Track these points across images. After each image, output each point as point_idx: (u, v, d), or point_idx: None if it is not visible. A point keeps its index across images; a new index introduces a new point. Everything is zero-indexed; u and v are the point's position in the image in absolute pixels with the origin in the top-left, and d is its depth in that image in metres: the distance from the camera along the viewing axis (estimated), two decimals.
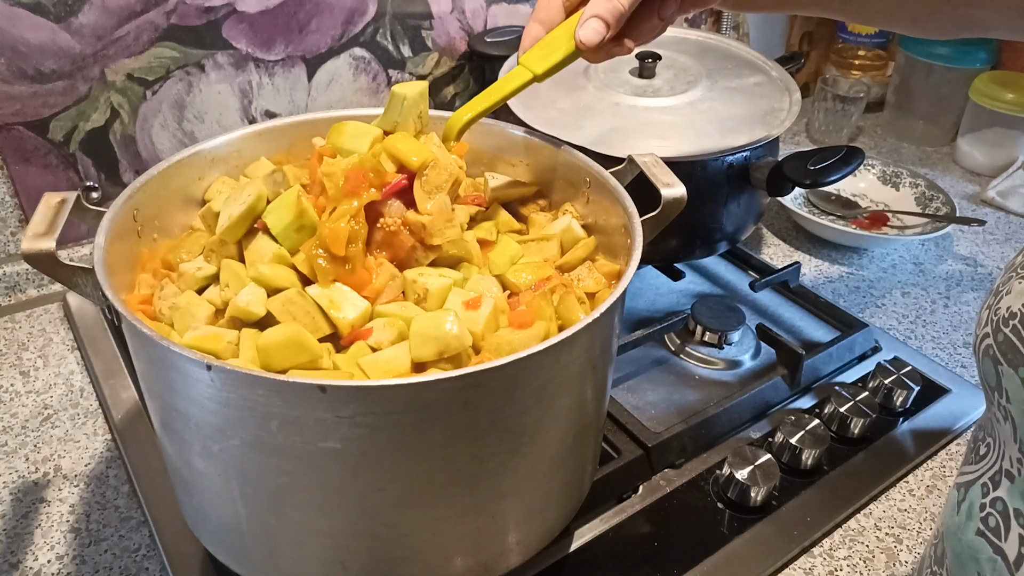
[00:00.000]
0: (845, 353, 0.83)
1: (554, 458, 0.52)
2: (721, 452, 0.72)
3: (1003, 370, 0.39)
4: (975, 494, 0.43)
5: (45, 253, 0.47)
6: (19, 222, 0.86)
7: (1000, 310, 0.39)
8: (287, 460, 0.45)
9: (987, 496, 0.42)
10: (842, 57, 1.36)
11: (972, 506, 0.43)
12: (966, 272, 1.01)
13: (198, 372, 0.43)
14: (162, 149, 0.91)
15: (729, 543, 0.64)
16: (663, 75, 0.91)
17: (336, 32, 0.96)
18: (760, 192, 0.85)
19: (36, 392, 0.77)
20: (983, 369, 0.41)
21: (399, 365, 0.48)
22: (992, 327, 0.40)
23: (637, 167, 0.60)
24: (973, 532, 0.42)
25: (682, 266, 0.94)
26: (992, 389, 0.40)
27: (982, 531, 0.42)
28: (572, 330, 0.45)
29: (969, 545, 0.43)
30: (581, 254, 0.59)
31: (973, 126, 1.22)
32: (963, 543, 0.43)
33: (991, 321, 0.40)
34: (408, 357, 0.48)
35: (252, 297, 0.50)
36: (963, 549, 0.43)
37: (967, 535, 0.43)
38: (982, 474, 0.43)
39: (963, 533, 0.43)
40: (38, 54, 0.79)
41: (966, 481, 0.44)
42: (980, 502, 0.42)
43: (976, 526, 0.42)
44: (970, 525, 0.43)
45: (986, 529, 0.41)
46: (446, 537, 0.50)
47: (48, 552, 0.63)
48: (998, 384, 0.39)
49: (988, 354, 0.40)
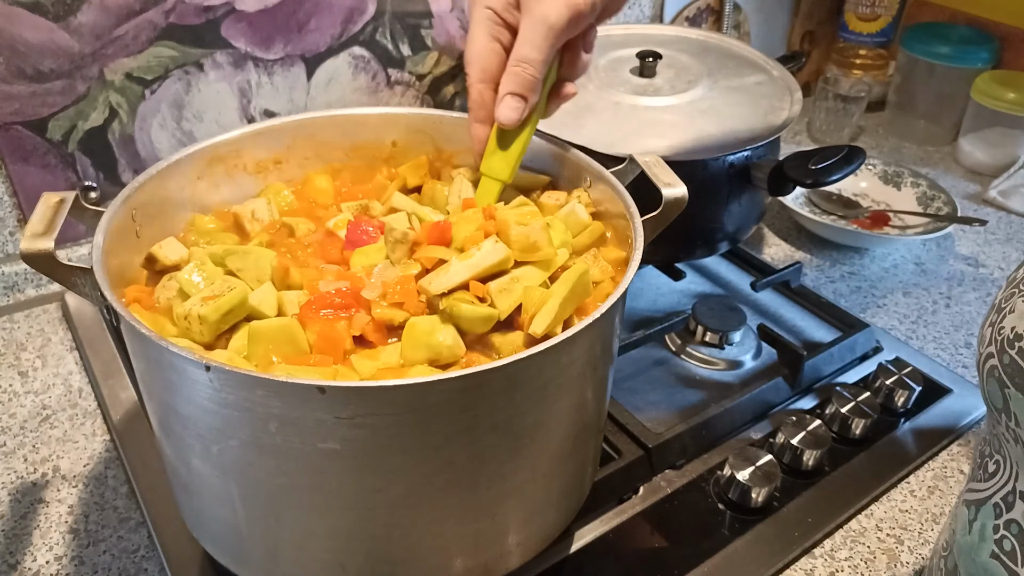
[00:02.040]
0: (846, 353, 0.83)
1: (554, 459, 0.52)
2: (722, 453, 0.72)
3: (1010, 393, 0.38)
4: (987, 514, 0.42)
5: (43, 253, 0.47)
6: (17, 222, 0.86)
7: (1004, 329, 0.38)
8: (286, 461, 0.45)
9: (1000, 518, 0.41)
10: (843, 56, 1.36)
11: (985, 527, 0.42)
12: (968, 272, 1.01)
13: (197, 373, 0.42)
14: (161, 149, 0.90)
15: (730, 544, 0.64)
16: (664, 74, 0.91)
17: (335, 31, 0.95)
18: (761, 192, 0.85)
19: (35, 392, 0.77)
20: (988, 390, 0.40)
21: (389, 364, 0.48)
22: (996, 347, 0.39)
23: (638, 167, 0.60)
24: (987, 555, 0.42)
25: (683, 266, 0.93)
26: (999, 411, 0.40)
27: (997, 554, 0.41)
28: (572, 330, 0.44)
29: (984, 568, 0.42)
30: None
31: (975, 125, 1.22)
32: (977, 564, 0.43)
33: (995, 340, 0.39)
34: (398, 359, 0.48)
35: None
36: (977, 570, 0.43)
37: (981, 556, 0.42)
38: (993, 493, 0.42)
39: (977, 554, 0.43)
40: (37, 53, 0.79)
41: (976, 499, 0.43)
42: (993, 523, 0.42)
43: (990, 548, 0.42)
44: (984, 547, 0.42)
45: (1001, 552, 0.41)
46: (446, 538, 0.50)
47: (47, 553, 0.62)
48: (1005, 407, 0.39)
49: (993, 375, 0.39)
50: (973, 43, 1.24)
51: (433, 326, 0.48)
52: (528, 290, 0.50)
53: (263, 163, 0.65)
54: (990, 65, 1.25)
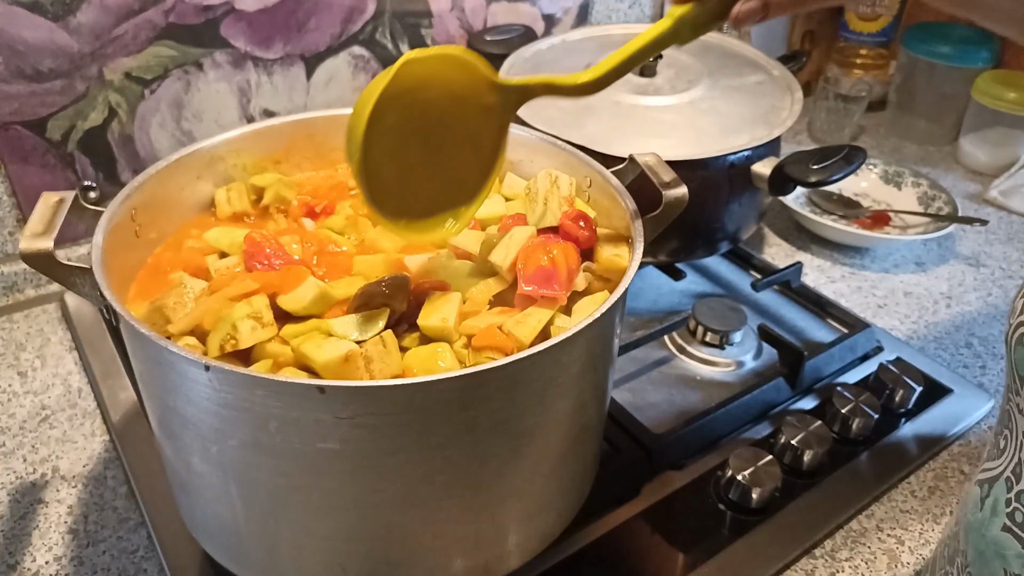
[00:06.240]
0: (847, 353, 0.83)
1: (555, 459, 0.52)
2: (723, 453, 0.72)
3: None
4: (1000, 489, 0.42)
5: (43, 253, 0.47)
6: (17, 222, 0.86)
7: None
8: (286, 461, 0.45)
9: (1012, 491, 0.41)
10: (844, 56, 1.36)
11: (997, 502, 0.42)
12: (968, 272, 1.00)
13: (196, 373, 0.42)
14: (160, 148, 0.90)
15: (731, 545, 0.64)
16: (664, 74, 0.91)
17: (335, 31, 0.95)
18: (761, 192, 0.85)
19: (34, 392, 0.77)
20: (1016, 358, 0.40)
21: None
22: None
23: (638, 166, 0.60)
24: (999, 528, 0.42)
25: (683, 266, 0.93)
26: (1022, 379, 0.40)
27: (1008, 527, 0.41)
28: (572, 330, 0.44)
29: (995, 541, 0.42)
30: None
31: (975, 125, 1.22)
32: (987, 539, 0.43)
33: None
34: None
35: None
36: (987, 546, 0.43)
37: (992, 531, 0.42)
38: (1004, 468, 0.42)
39: (987, 529, 0.43)
40: (36, 53, 0.79)
41: (989, 477, 0.44)
42: (1005, 497, 0.42)
43: (1002, 522, 0.42)
44: (995, 521, 0.42)
45: (1013, 524, 0.41)
46: (446, 539, 0.50)
47: (46, 553, 0.62)
48: None
49: (1023, 343, 0.39)
50: (974, 43, 1.24)
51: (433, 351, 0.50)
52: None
53: (262, 163, 0.65)
54: (991, 65, 1.25)
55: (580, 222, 0.55)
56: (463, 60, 0.51)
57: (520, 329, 0.50)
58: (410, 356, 0.49)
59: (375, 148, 0.49)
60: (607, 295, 0.52)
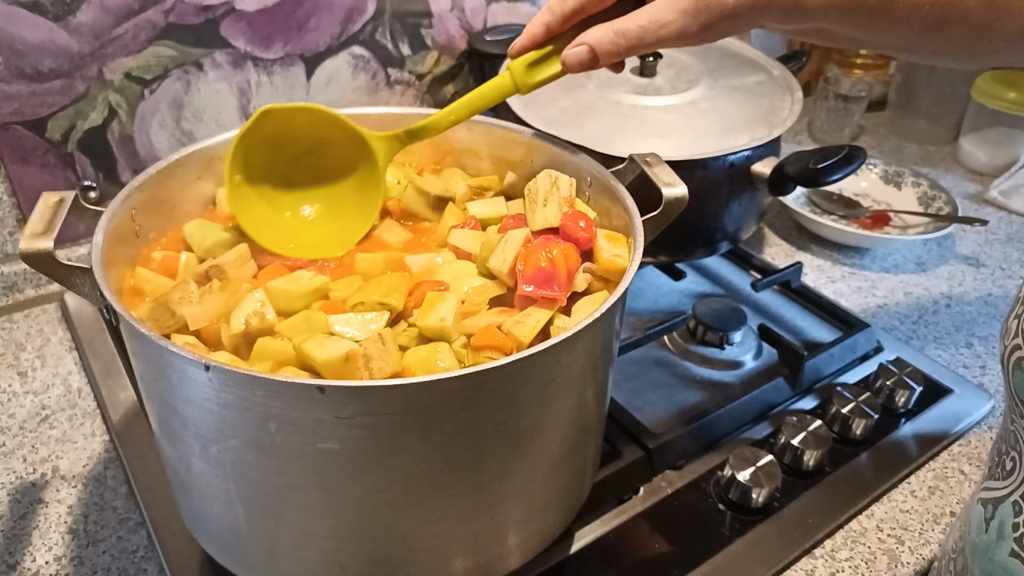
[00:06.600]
0: (847, 353, 0.83)
1: (555, 459, 0.52)
2: (722, 453, 0.72)
3: None
4: (1006, 512, 0.42)
5: (43, 253, 0.47)
6: (17, 222, 0.86)
7: None
8: (285, 461, 0.44)
9: (1020, 515, 0.41)
10: (844, 56, 1.36)
11: (1003, 525, 0.42)
12: (968, 272, 1.00)
13: (196, 372, 0.42)
14: (160, 148, 0.90)
15: (730, 545, 0.64)
16: (664, 74, 0.91)
17: (335, 30, 0.95)
18: (761, 192, 0.85)
19: (34, 392, 0.77)
20: (1014, 383, 0.40)
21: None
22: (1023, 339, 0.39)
23: (638, 166, 0.59)
24: (1006, 553, 0.41)
25: (683, 266, 0.93)
26: (1022, 403, 0.39)
27: (1016, 552, 0.40)
28: (572, 330, 0.44)
29: (1002, 566, 0.41)
30: None
31: (975, 125, 1.22)
32: (995, 563, 0.42)
33: (1021, 332, 0.39)
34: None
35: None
36: (995, 570, 0.42)
37: (999, 555, 0.42)
38: (1012, 491, 0.41)
39: (994, 553, 0.42)
40: (36, 53, 0.79)
41: (993, 498, 0.43)
42: (1013, 521, 0.41)
43: (1009, 547, 0.41)
44: (1002, 545, 0.41)
45: (1021, 550, 0.40)
46: (446, 539, 0.50)
47: (46, 553, 0.62)
48: None
49: (1020, 367, 0.39)
50: None
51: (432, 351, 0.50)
52: None
53: None
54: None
55: (580, 223, 0.55)
56: (322, 112, 0.58)
57: (519, 329, 0.50)
58: (409, 356, 0.49)
59: (245, 186, 0.58)
60: (607, 295, 0.52)
